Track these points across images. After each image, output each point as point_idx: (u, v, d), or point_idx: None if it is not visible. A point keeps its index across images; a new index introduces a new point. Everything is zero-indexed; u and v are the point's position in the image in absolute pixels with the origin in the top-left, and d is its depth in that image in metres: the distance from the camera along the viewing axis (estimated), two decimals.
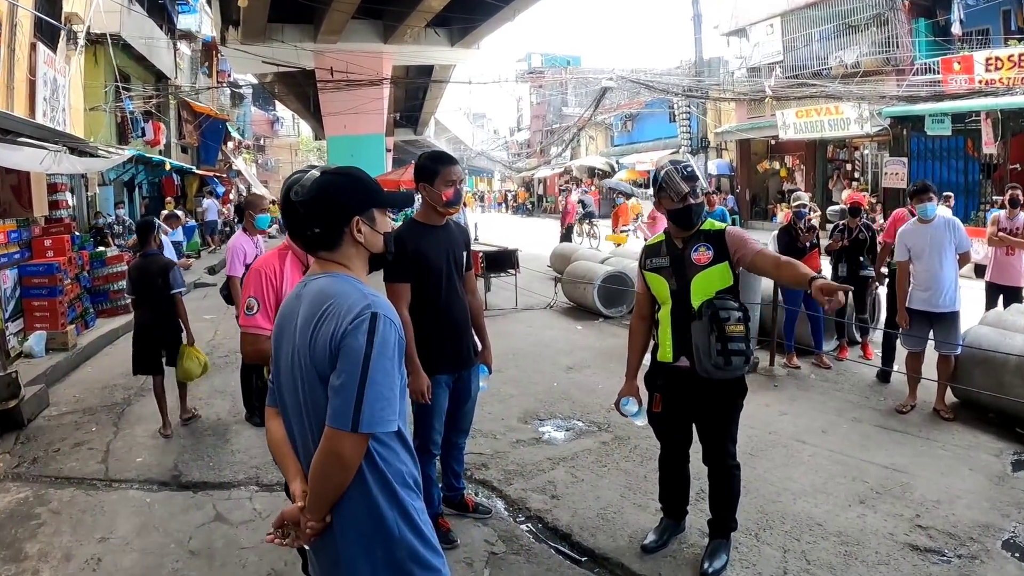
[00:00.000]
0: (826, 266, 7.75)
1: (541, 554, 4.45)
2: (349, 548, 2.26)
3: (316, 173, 2.36)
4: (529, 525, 4.84)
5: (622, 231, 18.93)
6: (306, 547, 2.36)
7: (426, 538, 2.33)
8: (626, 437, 6.22)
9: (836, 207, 19.26)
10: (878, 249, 8.38)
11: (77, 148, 12.70)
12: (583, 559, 4.40)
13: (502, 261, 13.16)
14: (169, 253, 9.55)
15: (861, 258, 8.40)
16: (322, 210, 2.32)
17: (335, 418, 2.13)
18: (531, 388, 7.81)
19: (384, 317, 2.18)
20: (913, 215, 7.22)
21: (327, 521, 2.24)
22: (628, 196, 21.21)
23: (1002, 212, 8.72)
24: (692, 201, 3.95)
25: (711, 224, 4.06)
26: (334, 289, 2.25)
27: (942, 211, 7.16)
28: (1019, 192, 8.56)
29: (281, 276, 3.70)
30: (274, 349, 2.43)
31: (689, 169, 4.00)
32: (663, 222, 15.01)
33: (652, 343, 4.27)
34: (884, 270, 8.34)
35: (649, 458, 5.69)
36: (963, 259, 6.72)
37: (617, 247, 16.95)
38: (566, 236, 18.57)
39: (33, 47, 11.94)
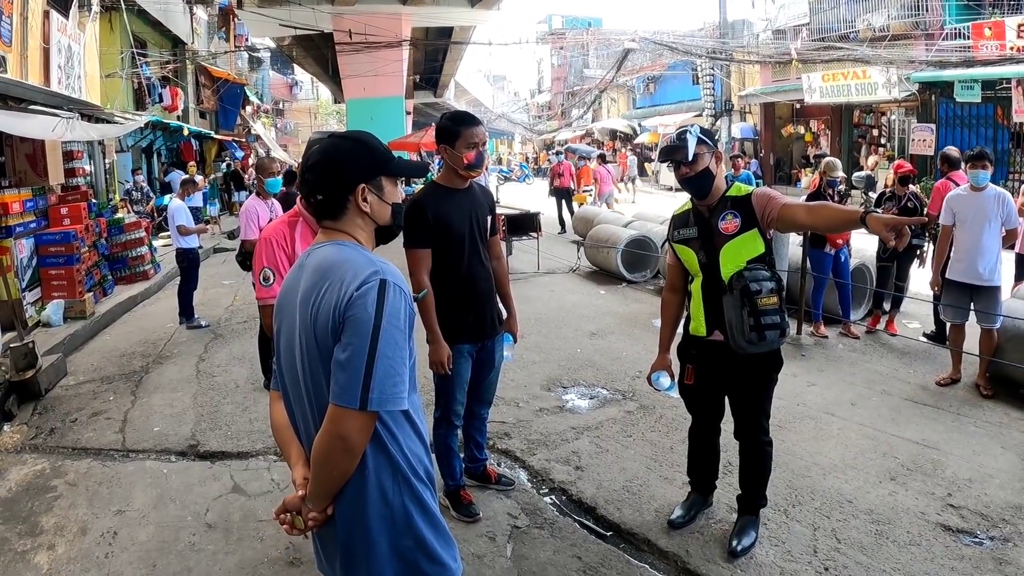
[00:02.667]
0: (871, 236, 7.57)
1: (565, 528, 4.33)
2: (352, 537, 2.10)
3: (325, 140, 2.21)
4: (553, 497, 4.72)
5: (584, 191, 19.86)
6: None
7: (438, 527, 2.18)
8: (651, 406, 6.08)
9: (862, 173, 18.93)
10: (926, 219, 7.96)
11: (92, 115, 12.60)
12: (608, 534, 4.28)
13: (524, 224, 13.01)
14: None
15: (911, 227, 7.84)
16: (325, 176, 2.16)
17: (341, 395, 1.93)
18: (554, 354, 7.67)
19: (393, 284, 2.00)
20: (956, 184, 7.06)
21: (329, 513, 2.08)
22: (588, 159, 21.48)
23: None
24: (686, 171, 3.74)
25: (738, 189, 3.81)
26: (339, 256, 2.07)
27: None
28: None
29: (292, 242, 3.57)
30: (275, 326, 2.25)
31: (683, 137, 3.72)
32: (607, 182, 15.45)
33: (685, 314, 4.10)
34: (928, 247, 8.06)
35: (675, 428, 5.56)
36: (1010, 236, 6.48)
37: (580, 206, 18.22)
38: (559, 200, 18.39)
39: (46, 15, 11.79)
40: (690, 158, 3.67)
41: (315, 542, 2.26)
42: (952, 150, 8.11)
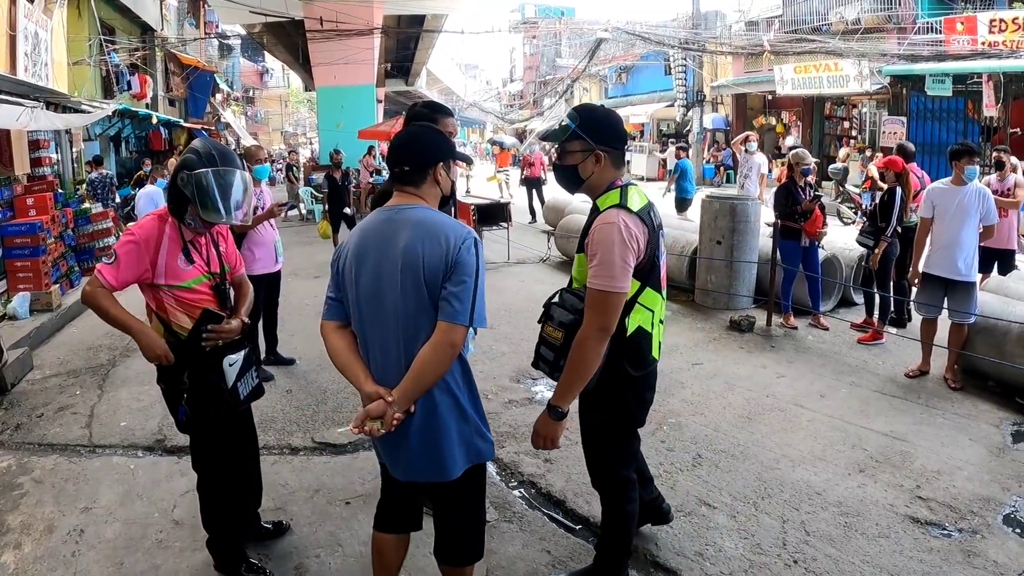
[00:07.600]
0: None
1: (534, 522, 4.36)
2: (429, 425, 2.73)
3: (414, 127, 2.99)
4: (522, 491, 4.75)
5: (499, 172, 22.96)
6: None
7: (483, 413, 2.90)
8: None
9: (839, 165, 19.12)
10: (893, 215, 7.68)
11: (59, 103, 12.42)
12: (577, 527, 4.32)
13: (494, 214, 13.00)
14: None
15: (882, 224, 7.57)
16: (415, 153, 2.83)
17: (455, 316, 2.60)
18: (523, 345, 7.66)
19: (479, 241, 2.75)
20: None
21: (412, 411, 2.68)
22: (504, 146, 25.29)
23: (993, 175, 8.64)
24: (557, 159, 3.33)
25: (605, 200, 3.21)
26: (437, 219, 2.74)
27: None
28: (1004, 155, 8.62)
29: (157, 248, 3.48)
30: (355, 268, 2.77)
31: (562, 126, 3.22)
32: (537, 167, 16.93)
33: None
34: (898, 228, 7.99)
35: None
36: (987, 232, 6.60)
37: (491, 180, 22.83)
38: (529, 189, 18.71)
39: (12, 1, 11.61)
40: (554, 147, 3.38)
41: (377, 448, 2.97)
42: (909, 144, 8.29)
